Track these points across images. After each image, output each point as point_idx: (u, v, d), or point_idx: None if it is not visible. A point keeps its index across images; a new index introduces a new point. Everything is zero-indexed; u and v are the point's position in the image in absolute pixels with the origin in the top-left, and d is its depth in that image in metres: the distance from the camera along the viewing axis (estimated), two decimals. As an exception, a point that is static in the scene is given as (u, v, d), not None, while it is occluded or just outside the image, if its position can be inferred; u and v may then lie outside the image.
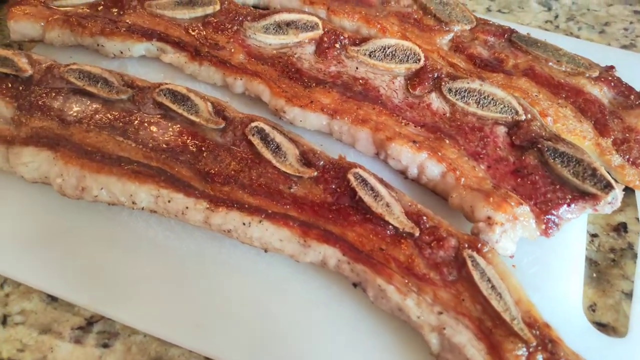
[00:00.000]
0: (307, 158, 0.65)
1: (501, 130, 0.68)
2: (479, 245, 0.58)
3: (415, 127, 0.69)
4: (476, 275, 0.55)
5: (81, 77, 0.70)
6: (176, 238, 0.64)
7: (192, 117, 0.67)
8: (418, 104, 0.71)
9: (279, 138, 0.66)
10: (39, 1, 0.82)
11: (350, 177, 0.62)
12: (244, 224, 0.59)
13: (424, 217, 0.60)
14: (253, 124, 0.67)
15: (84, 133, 0.66)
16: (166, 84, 0.71)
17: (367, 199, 0.60)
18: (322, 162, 0.65)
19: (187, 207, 0.60)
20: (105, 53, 0.79)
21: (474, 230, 0.61)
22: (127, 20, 0.79)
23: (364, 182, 0.62)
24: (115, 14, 0.80)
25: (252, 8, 0.81)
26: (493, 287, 0.55)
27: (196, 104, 0.69)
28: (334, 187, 0.63)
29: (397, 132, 0.68)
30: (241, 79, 0.74)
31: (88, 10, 0.81)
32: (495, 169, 0.66)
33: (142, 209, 0.61)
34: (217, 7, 0.80)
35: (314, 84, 0.73)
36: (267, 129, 0.67)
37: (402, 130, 0.68)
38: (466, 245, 0.58)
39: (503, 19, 0.94)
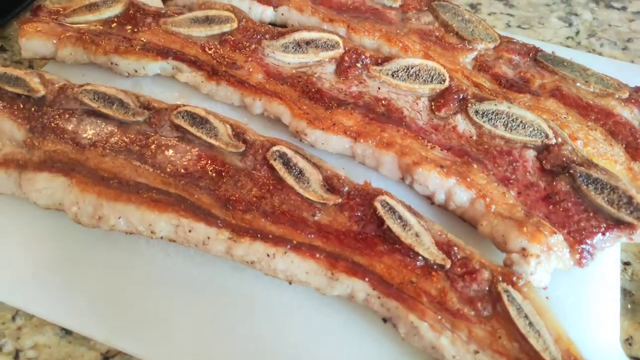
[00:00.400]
0: (331, 184, 0.63)
1: (530, 154, 0.66)
2: (514, 278, 0.55)
3: (441, 150, 0.67)
4: (512, 311, 0.53)
5: (96, 98, 0.68)
6: (196, 268, 0.61)
7: (212, 141, 0.65)
8: (443, 126, 0.69)
9: (301, 163, 0.64)
10: (51, 18, 0.80)
11: (377, 205, 0.60)
12: (268, 255, 0.56)
13: (455, 248, 0.58)
14: (274, 148, 0.65)
15: (100, 157, 0.64)
16: (184, 105, 0.69)
17: (396, 228, 0.58)
18: (346, 188, 0.62)
19: (208, 237, 0.57)
20: (119, 72, 0.77)
21: (506, 261, 0.59)
22: (142, 38, 0.77)
23: (392, 210, 0.60)
24: (129, 31, 0.78)
25: (270, 26, 0.78)
26: (531, 323, 0.52)
27: (215, 126, 0.66)
28: (359, 214, 0.61)
29: (424, 156, 0.65)
30: (260, 100, 0.72)
31: (101, 28, 0.79)
32: (525, 195, 0.63)
33: (161, 238, 0.59)
34: (235, 25, 0.77)
35: (335, 105, 0.71)
36: (290, 153, 0.64)
37: (428, 154, 0.66)
38: (500, 279, 0.55)
39: (523, 35, 0.92)
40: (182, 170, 0.63)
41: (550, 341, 0.51)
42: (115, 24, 0.80)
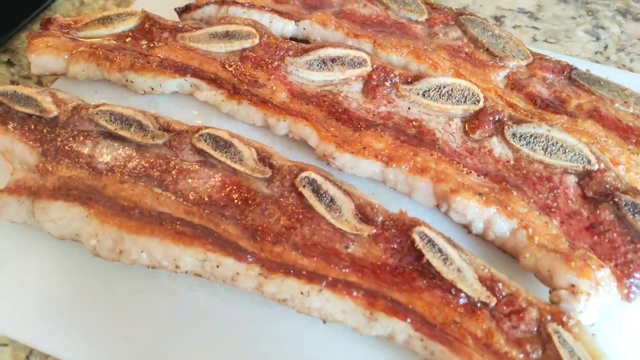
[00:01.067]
0: (363, 213, 0.59)
1: (571, 180, 0.63)
2: (564, 317, 0.52)
3: (478, 176, 0.63)
4: (564, 355, 0.50)
5: (112, 120, 0.65)
6: (222, 303, 0.57)
7: (236, 166, 0.61)
8: (478, 150, 0.66)
9: (332, 190, 0.60)
10: (62, 32, 0.76)
11: (416, 237, 0.56)
12: (302, 293, 0.53)
13: (500, 284, 0.54)
14: (303, 174, 0.61)
15: (118, 184, 0.60)
16: (206, 127, 0.65)
17: (436, 263, 0.55)
18: (381, 218, 0.59)
19: (237, 273, 0.54)
20: (135, 89, 0.73)
21: (553, 298, 0.55)
22: (159, 54, 0.73)
23: (431, 242, 0.56)
24: (144, 46, 0.74)
25: (293, 42, 0.75)
26: (585, 368, 0.49)
27: (240, 150, 0.63)
28: (395, 247, 0.57)
29: (460, 182, 0.62)
30: (285, 120, 0.68)
31: (115, 42, 0.75)
32: (568, 224, 0.60)
33: (186, 272, 0.55)
34: (256, 41, 0.74)
35: (363, 127, 0.67)
36: (320, 179, 0.61)
37: (464, 181, 0.62)
38: (549, 318, 0.52)
39: (550, 50, 0.89)
40: (206, 198, 0.60)
41: (607, 388, 0.48)
42: (129, 38, 0.76)
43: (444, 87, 0.69)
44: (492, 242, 0.62)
